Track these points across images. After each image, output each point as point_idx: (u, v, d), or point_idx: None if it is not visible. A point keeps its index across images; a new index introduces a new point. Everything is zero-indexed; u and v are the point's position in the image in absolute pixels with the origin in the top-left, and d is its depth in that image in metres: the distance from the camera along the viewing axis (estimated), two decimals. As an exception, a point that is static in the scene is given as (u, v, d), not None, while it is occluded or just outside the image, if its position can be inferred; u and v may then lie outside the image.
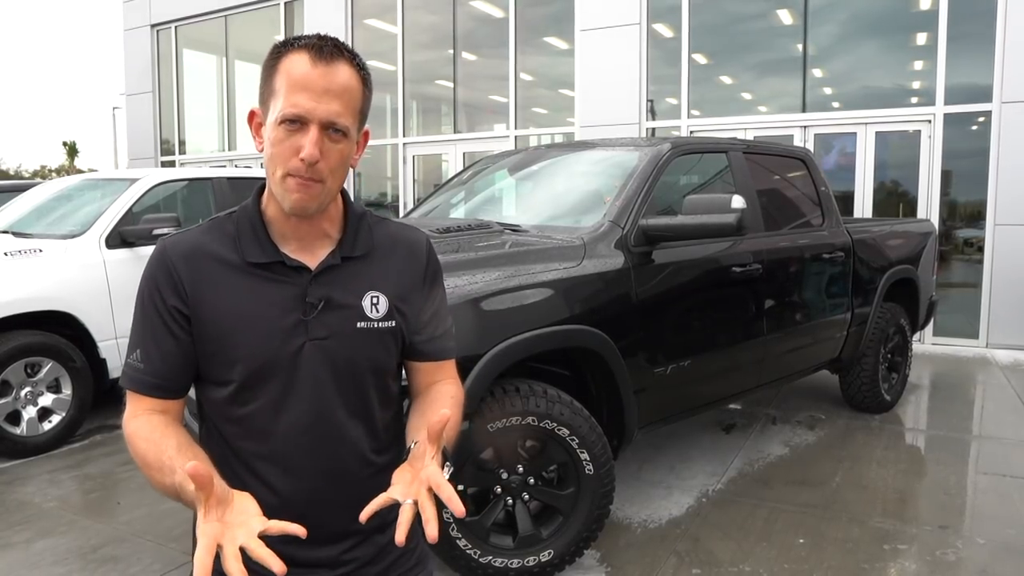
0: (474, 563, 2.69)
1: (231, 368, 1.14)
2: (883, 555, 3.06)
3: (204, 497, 0.93)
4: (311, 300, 1.16)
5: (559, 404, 2.72)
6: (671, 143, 3.67)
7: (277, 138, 1.09)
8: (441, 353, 1.31)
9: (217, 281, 1.15)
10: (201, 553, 0.89)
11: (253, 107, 1.17)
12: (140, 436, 1.11)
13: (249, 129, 1.18)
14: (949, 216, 7.71)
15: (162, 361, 1.15)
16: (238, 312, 1.14)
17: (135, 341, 1.17)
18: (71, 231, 4.87)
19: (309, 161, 1.08)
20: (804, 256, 4.19)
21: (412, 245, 1.28)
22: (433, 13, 10.46)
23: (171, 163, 13.06)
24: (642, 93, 8.76)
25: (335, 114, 1.09)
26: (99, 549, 3.17)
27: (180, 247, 1.17)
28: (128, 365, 1.18)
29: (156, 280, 1.15)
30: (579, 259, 2.98)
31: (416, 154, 10.73)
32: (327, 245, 1.20)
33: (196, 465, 0.91)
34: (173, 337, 1.15)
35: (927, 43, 7.59)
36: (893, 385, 5.16)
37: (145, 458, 1.09)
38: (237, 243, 1.17)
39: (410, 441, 1.16)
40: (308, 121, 1.08)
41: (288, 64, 1.10)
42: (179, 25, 12.99)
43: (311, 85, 1.08)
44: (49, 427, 4.45)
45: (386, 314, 1.20)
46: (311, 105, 1.07)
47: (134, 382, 1.16)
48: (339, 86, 1.09)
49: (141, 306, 1.17)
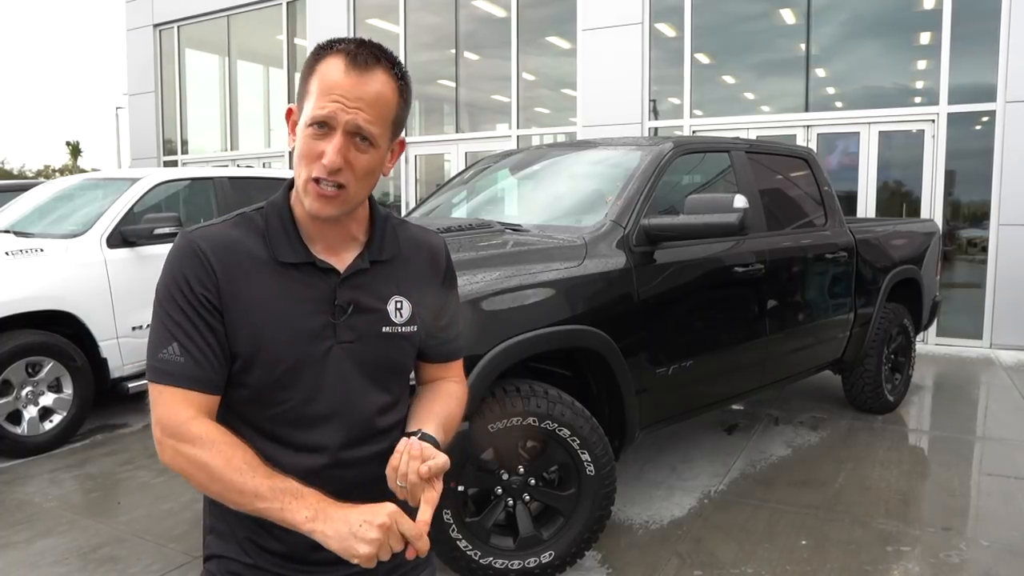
0: (475, 564, 2.68)
1: (256, 367, 1.13)
2: (886, 557, 3.04)
3: None
4: (340, 303, 1.15)
5: (560, 405, 2.71)
6: (673, 142, 3.66)
7: (305, 140, 1.09)
8: (451, 356, 1.35)
9: (248, 278, 1.12)
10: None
11: (291, 105, 1.17)
12: (215, 450, 1.05)
13: (286, 125, 1.18)
14: (953, 216, 7.68)
15: (202, 354, 1.09)
16: (268, 310, 1.12)
17: (167, 336, 1.10)
18: (72, 230, 4.87)
19: (330, 168, 1.07)
20: (807, 256, 4.18)
21: (433, 250, 1.30)
22: (435, 13, 10.45)
23: (173, 163, 13.07)
24: (644, 93, 8.75)
25: (363, 121, 1.08)
26: (99, 549, 3.17)
27: (210, 239, 1.13)
28: (161, 361, 1.09)
29: (186, 271, 1.10)
30: (580, 259, 2.97)
31: (418, 154, 10.73)
32: (354, 248, 1.20)
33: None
34: (211, 329, 1.10)
35: (931, 42, 7.57)
36: (896, 386, 5.13)
37: (223, 475, 1.04)
38: (267, 240, 1.15)
39: (411, 428, 1.19)
40: (334, 127, 1.07)
41: (324, 67, 1.09)
42: (181, 25, 12.99)
43: (342, 91, 1.07)
44: (50, 427, 4.45)
45: (409, 319, 1.22)
46: (339, 112, 1.07)
47: (175, 377, 1.08)
48: (371, 95, 1.08)
49: (171, 299, 1.10)
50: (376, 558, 1.00)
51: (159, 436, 1.08)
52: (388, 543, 1.00)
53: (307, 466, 1.13)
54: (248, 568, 1.19)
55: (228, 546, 1.20)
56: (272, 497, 1.02)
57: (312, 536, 1.01)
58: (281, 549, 1.17)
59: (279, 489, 1.02)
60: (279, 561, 1.18)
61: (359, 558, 0.99)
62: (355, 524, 0.99)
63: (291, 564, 1.18)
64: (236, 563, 1.19)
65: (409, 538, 1.02)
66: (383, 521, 1.00)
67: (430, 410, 1.24)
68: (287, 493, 1.02)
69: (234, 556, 1.20)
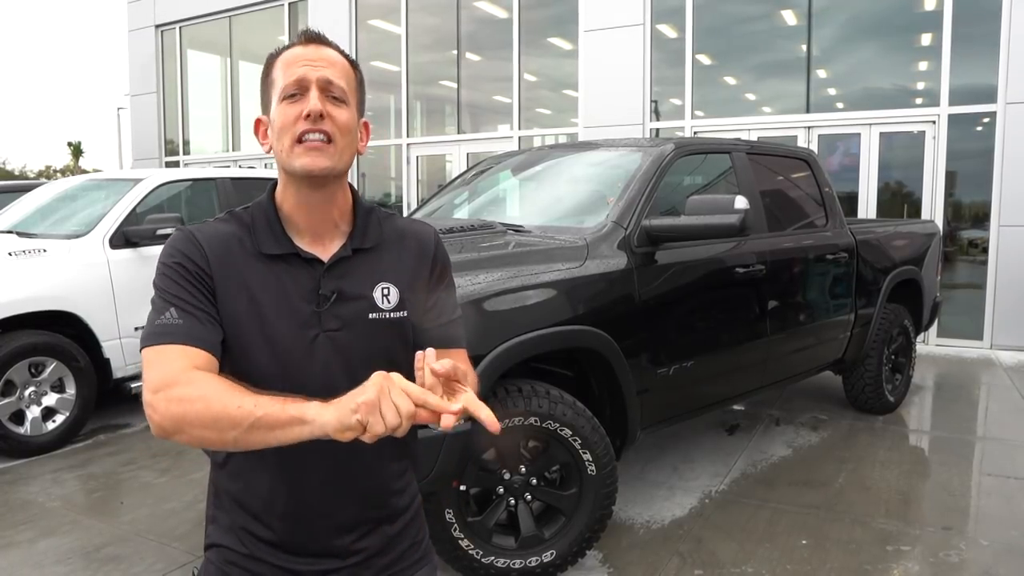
0: (476, 563, 2.69)
1: (244, 357, 1.15)
2: (886, 556, 3.05)
3: None
4: (324, 292, 1.17)
5: (562, 405, 2.72)
6: (674, 144, 3.67)
7: (281, 111, 1.15)
8: (449, 340, 1.28)
9: (236, 270, 1.16)
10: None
11: (259, 116, 1.21)
12: (212, 381, 1.02)
13: (256, 137, 1.22)
14: (953, 217, 7.69)
15: (201, 318, 1.10)
16: (255, 300, 1.15)
17: (164, 305, 1.10)
18: (75, 231, 4.88)
19: (314, 113, 1.12)
20: (808, 257, 4.18)
21: (421, 237, 1.30)
22: (436, 14, 10.46)
23: (175, 163, 13.08)
24: (646, 94, 8.76)
25: (333, 76, 1.15)
26: (102, 548, 3.18)
27: (204, 231, 1.18)
28: (158, 325, 1.09)
29: (186, 252, 1.14)
30: (582, 259, 2.98)
31: (420, 155, 10.74)
32: (338, 238, 1.22)
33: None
34: (207, 299, 1.12)
35: (931, 44, 7.58)
36: (897, 386, 5.14)
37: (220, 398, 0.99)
38: (252, 234, 1.19)
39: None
40: (307, 86, 1.14)
41: (282, 57, 1.18)
42: (183, 25, 13.01)
43: (305, 58, 1.15)
44: (53, 427, 4.46)
45: (397, 304, 1.22)
46: (308, 71, 1.14)
47: (173, 335, 1.07)
48: (329, 59, 1.17)
49: (168, 277, 1.12)
50: (380, 416, 0.90)
51: (149, 398, 1.03)
52: (390, 397, 0.91)
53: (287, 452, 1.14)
54: (244, 557, 1.20)
55: (226, 535, 1.22)
56: (271, 403, 0.97)
57: (318, 426, 0.94)
58: (274, 538, 1.19)
59: (278, 397, 0.98)
60: (274, 551, 1.19)
61: (359, 412, 0.90)
62: (348, 397, 0.94)
63: (283, 554, 1.19)
64: (233, 552, 1.21)
65: (414, 397, 0.93)
66: (376, 381, 0.93)
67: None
68: (286, 400, 0.97)
69: (231, 546, 1.21)
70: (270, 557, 1.20)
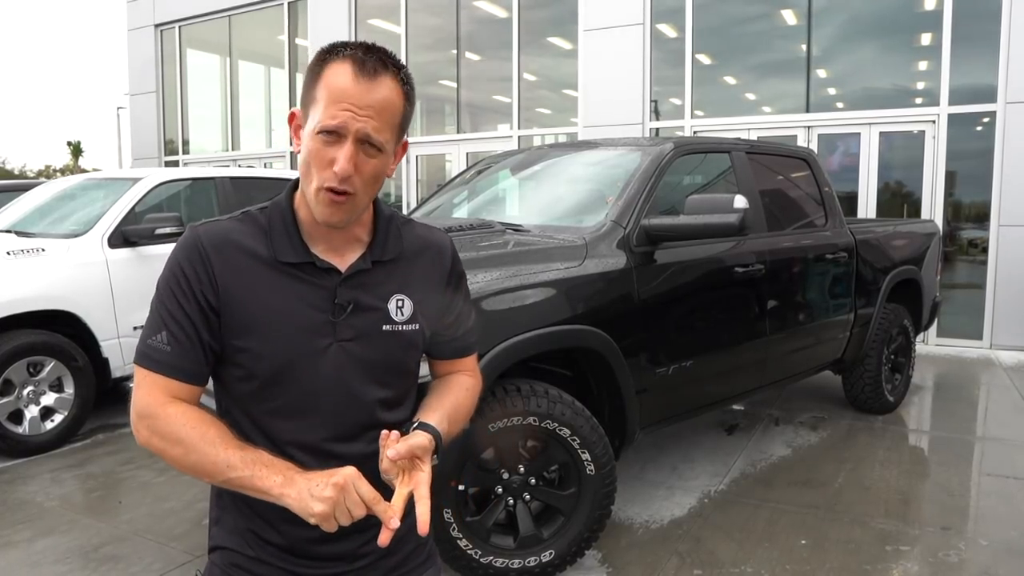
0: (475, 563, 2.68)
1: (256, 364, 1.14)
2: (885, 556, 3.04)
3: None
4: (340, 302, 1.16)
5: (560, 404, 2.71)
6: (673, 143, 3.66)
7: (314, 147, 1.10)
8: (461, 352, 1.37)
9: (249, 276, 1.14)
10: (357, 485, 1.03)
11: (295, 108, 1.18)
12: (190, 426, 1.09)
13: (288, 129, 1.19)
14: (953, 217, 7.69)
15: (190, 345, 1.12)
16: (267, 308, 1.14)
17: (158, 323, 1.13)
18: (74, 230, 4.87)
19: (342, 176, 1.08)
20: (807, 256, 4.18)
21: (439, 248, 1.30)
22: (436, 14, 10.46)
23: (175, 163, 13.08)
24: (646, 94, 8.75)
25: (373, 130, 1.09)
26: (100, 548, 3.17)
27: (213, 237, 1.15)
28: (149, 347, 1.12)
29: (185, 266, 1.13)
30: (581, 259, 2.98)
31: (420, 154, 10.74)
32: (357, 248, 1.21)
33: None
34: (203, 322, 1.12)
35: (931, 43, 7.58)
36: (896, 386, 5.14)
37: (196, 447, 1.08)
38: (269, 239, 1.17)
39: (418, 419, 1.19)
40: (345, 135, 1.08)
41: (331, 74, 1.09)
42: (183, 25, 13.00)
43: (351, 100, 1.07)
44: (51, 426, 4.46)
45: (410, 317, 1.22)
46: (350, 121, 1.07)
47: (159, 364, 1.12)
48: (380, 102, 1.09)
49: (168, 289, 1.13)
50: (333, 519, 1.00)
51: (135, 420, 1.13)
52: (344, 504, 1.00)
53: (299, 461, 1.13)
54: (250, 560, 1.20)
55: (231, 538, 1.21)
56: (243, 466, 1.05)
57: (281, 502, 1.03)
58: (283, 542, 1.18)
59: (250, 459, 1.05)
60: (280, 554, 1.19)
61: (315, 517, 1.00)
62: (313, 483, 1.02)
63: (292, 558, 1.19)
64: (239, 555, 1.20)
65: (368, 503, 1.01)
66: (338, 480, 1.01)
67: (436, 402, 1.25)
68: (258, 463, 1.05)
69: (237, 548, 1.21)
70: (277, 561, 1.19)
